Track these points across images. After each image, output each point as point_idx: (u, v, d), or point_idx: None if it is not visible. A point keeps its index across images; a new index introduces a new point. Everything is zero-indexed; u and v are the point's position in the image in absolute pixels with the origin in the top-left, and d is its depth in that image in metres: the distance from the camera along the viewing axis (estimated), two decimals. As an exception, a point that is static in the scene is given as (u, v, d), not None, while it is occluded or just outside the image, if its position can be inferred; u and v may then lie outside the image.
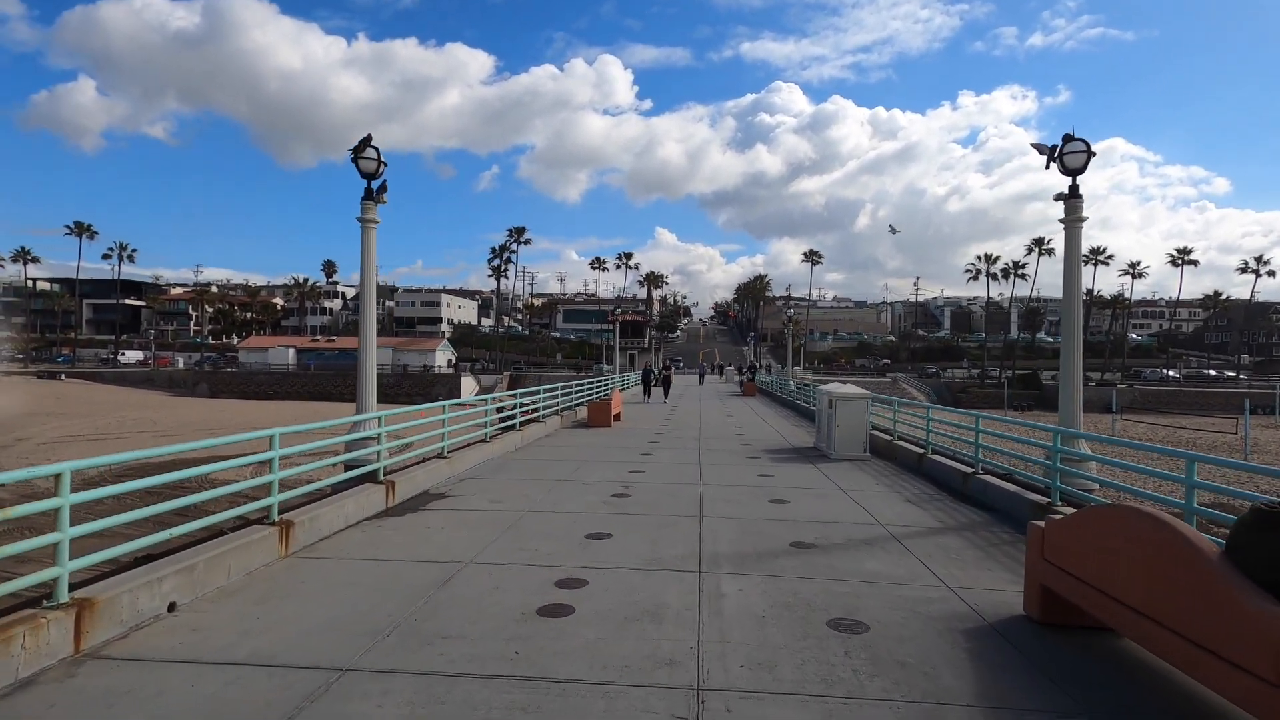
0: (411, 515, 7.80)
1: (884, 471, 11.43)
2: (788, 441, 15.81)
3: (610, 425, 18.44)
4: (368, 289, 9.55)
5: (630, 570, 5.84)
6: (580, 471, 10.95)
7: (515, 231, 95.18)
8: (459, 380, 74.84)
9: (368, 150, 9.30)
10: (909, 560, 6.28)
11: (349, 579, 5.56)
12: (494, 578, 5.61)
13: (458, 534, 6.96)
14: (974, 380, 79.70)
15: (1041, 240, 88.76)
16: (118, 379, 77.04)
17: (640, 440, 15.39)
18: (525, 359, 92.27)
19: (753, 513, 8.11)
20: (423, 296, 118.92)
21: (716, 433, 17.35)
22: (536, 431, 15.63)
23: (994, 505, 8.57)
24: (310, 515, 6.57)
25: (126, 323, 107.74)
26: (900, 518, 7.98)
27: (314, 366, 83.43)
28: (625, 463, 11.98)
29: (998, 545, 6.89)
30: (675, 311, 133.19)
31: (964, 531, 7.43)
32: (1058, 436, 7.80)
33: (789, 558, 6.29)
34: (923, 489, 9.91)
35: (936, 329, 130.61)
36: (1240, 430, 38.55)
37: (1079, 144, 8.52)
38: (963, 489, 9.59)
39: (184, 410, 53.37)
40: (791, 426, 19.68)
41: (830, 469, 11.60)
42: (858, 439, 12.86)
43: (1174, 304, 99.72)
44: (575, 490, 9.36)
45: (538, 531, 7.08)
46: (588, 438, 15.88)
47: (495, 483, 9.86)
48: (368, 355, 9.50)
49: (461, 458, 10.79)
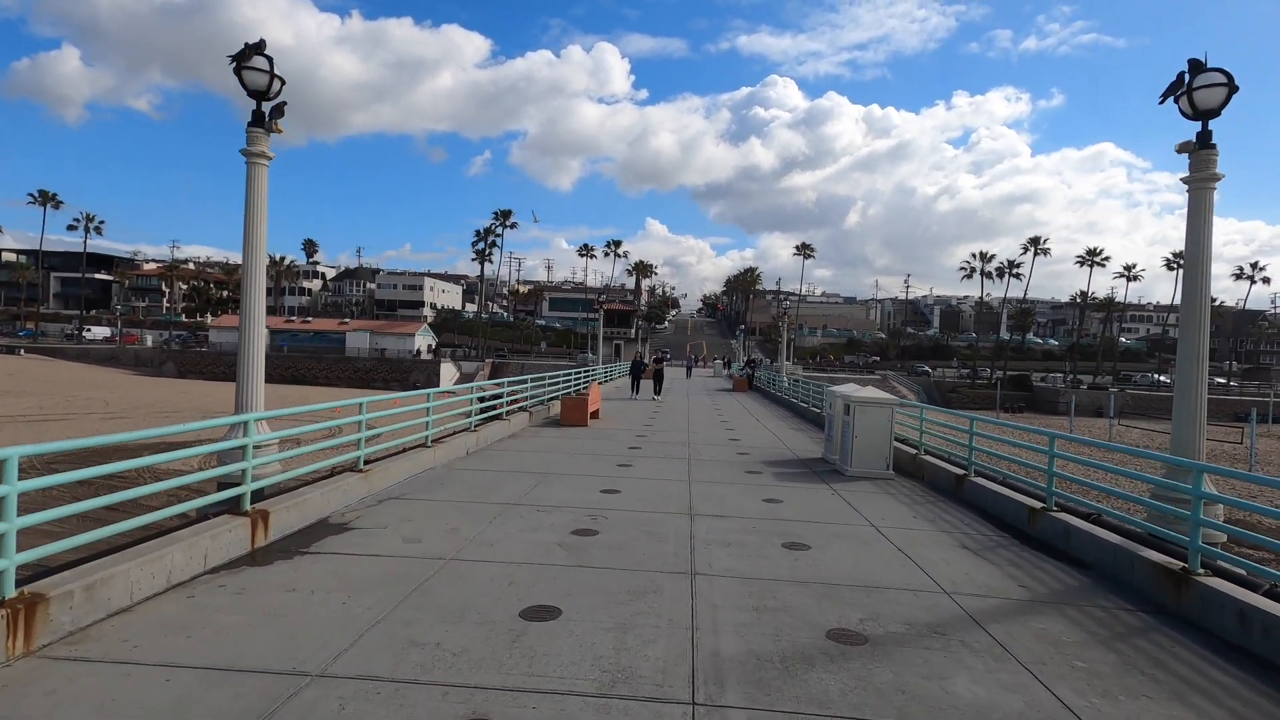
0: (281, 565, 5.47)
1: (915, 496, 9.25)
2: (790, 450, 13.61)
3: (586, 424, 16.15)
4: (253, 246, 7.12)
5: (580, 698, 3.57)
6: (538, 490, 8.66)
7: (501, 215, 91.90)
8: (439, 366, 72.19)
9: (256, 59, 6.90)
10: (1012, 670, 4.07)
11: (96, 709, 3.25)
12: (348, 716, 3.33)
13: (327, 607, 4.64)
14: (964, 380, 78.14)
15: (1037, 240, 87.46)
16: (82, 356, 73.74)
17: (619, 446, 13.12)
18: (509, 346, 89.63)
19: (764, 568, 5.86)
20: (405, 279, 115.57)
21: (708, 436, 15.11)
22: (497, 431, 13.31)
23: (1084, 558, 6.39)
24: (92, 580, 4.24)
25: (96, 298, 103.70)
26: (967, 579, 5.77)
27: (287, 348, 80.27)
28: (597, 477, 9.72)
29: (1131, 636, 4.70)
30: (664, 303, 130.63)
31: (1066, 607, 5.23)
32: (1196, 478, 5.57)
33: (830, 669, 4.03)
34: (974, 526, 7.73)
35: (926, 327, 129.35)
36: (1245, 440, 37.16)
37: (1216, 75, 6.30)
38: (1029, 529, 7.41)
39: (143, 391, 50.42)
40: (790, 430, 17.49)
41: (850, 491, 9.41)
42: (879, 453, 10.67)
43: (1164, 309, 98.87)
44: (525, 521, 7.07)
45: (452, 603, 4.79)
46: (557, 440, 13.59)
47: (423, 507, 7.54)
48: (252, 337, 7.11)
49: (386, 471, 8.44)
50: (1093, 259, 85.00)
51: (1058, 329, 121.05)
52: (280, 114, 7.11)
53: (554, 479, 9.45)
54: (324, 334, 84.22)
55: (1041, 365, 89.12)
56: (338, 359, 76.62)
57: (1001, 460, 9.13)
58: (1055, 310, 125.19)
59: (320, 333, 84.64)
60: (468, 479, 9.21)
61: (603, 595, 5.03)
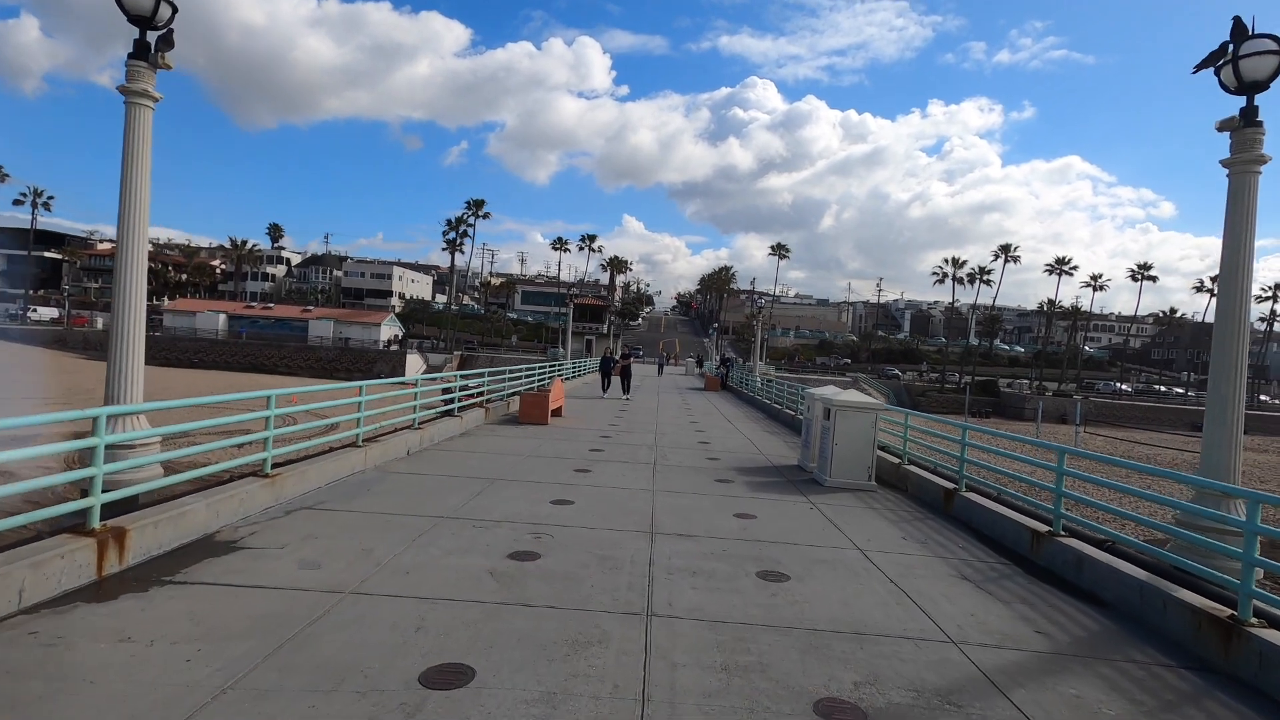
0: (129, 602, 4.32)
1: (901, 512, 8.37)
2: (764, 455, 12.69)
3: (547, 422, 15.05)
4: (132, 205, 5.89)
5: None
6: (481, 500, 7.57)
7: (474, 204, 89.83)
8: (404, 357, 70.20)
9: (138, -23, 5.68)
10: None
11: None
12: None
13: (163, 668, 3.50)
14: (933, 384, 78.59)
15: (1008, 247, 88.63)
16: (26, 338, 70.10)
17: (580, 447, 12.06)
18: (479, 339, 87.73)
19: (736, 607, 4.87)
20: (374, 268, 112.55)
21: (676, 439, 14.13)
22: (447, 429, 12.15)
23: (1102, 595, 5.53)
24: None
25: (46, 277, 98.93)
26: (975, 623, 4.86)
27: (246, 334, 77.45)
28: (550, 484, 8.66)
29: (1183, 705, 3.81)
30: (638, 299, 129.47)
31: (1096, 662, 4.34)
32: (1252, 508, 4.71)
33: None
34: (970, 550, 6.86)
35: (897, 331, 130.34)
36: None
37: (1265, 43, 5.47)
38: (1032, 555, 6.56)
39: (78, 375, 47.74)
40: (764, 433, 16.60)
41: (830, 505, 8.50)
42: (861, 462, 9.79)
43: (1126, 319, 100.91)
44: (456, 540, 5.98)
45: (334, 661, 3.70)
46: (513, 440, 12.48)
47: (337, 520, 6.40)
48: (126, 316, 5.90)
49: (301, 476, 7.26)
50: (1061, 267, 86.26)
51: (1023, 336, 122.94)
52: (169, 45, 5.89)
53: (501, 486, 8.37)
54: (286, 321, 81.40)
55: (1008, 371, 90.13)
56: (299, 347, 74.03)
57: (997, 475, 8.29)
58: (1021, 318, 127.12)
59: (282, 320, 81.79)
60: (401, 485, 8.07)
61: (533, 648, 3.99)
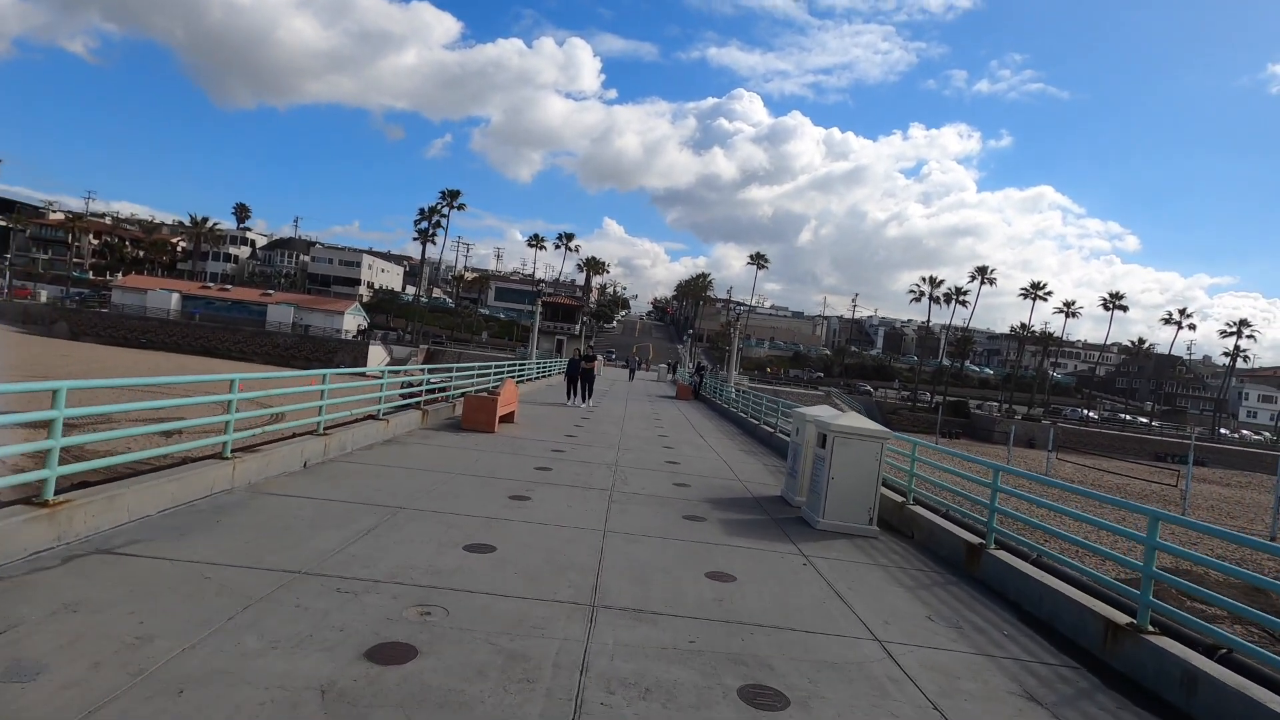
0: None
1: (915, 573, 6.63)
2: (740, 481, 10.91)
3: (494, 430, 13.08)
4: None
5: None
6: (368, 542, 5.62)
7: (449, 194, 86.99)
8: (367, 348, 67.30)
9: None
10: None
11: None
12: None
13: None
14: (905, 403, 78.03)
15: (985, 269, 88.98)
16: (-40, 308, 65.76)
17: (525, 463, 10.14)
18: (449, 334, 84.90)
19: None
20: (343, 255, 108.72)
21: (641, 457, 12.26)
22: (366, 434, 10.13)
23: (1234, 739, 3.83)
24: None
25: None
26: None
27: (199, 316, 73.69)
28: (474, 517, 6.74)
29: None
30: (614, 302, 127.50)
31: None
32: None
33: None
34: (1018, 638, 5.12)
35: (870, 347, 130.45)
36: (1181, 483, 36.88)
37: None
38: (1104, 653, 4.85)
39: (8, 351, 44.24)
40: (740, 453, 14.83)
41: (828, 560, 6.72)
42: (862, 502, 8.04)
43: (1093, 346, 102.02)
44: (300, 618, 4.03)
45: None
46: (446, 451, 10.50)
47: (133, 575, 4.39)
48: None
49: (108, 502, 5.20)
50: (1037, 293, 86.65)
51: (992, 359, 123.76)
52: None
53: (406, 519, 6.42)
54: (243, 304, 77.70)
55: (978, 393, 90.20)
56: (255, 332, 70.62)
57: (1032, 528, 6.60)
58: (991, 340, 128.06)
59: (239, 303, 78.06)
60: (268, 514, 6.07)
61: None
